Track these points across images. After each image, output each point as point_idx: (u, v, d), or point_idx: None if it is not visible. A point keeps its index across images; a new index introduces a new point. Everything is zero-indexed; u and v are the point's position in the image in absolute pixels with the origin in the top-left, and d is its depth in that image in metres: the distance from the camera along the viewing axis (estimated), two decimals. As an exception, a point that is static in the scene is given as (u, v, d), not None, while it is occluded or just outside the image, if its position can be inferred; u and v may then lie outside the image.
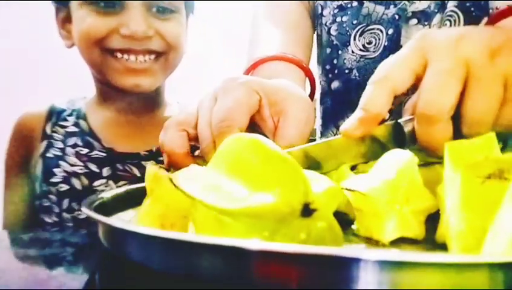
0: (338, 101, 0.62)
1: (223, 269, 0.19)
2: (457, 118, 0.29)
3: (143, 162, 0.67)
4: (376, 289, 0.16)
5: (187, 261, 0.20)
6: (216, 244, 0.19)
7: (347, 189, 0.23)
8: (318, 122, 0.66)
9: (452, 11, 0.52)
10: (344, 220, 0.23)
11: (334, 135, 0.63)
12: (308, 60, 0.60)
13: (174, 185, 0.24)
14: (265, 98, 0.39)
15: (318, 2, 0.63)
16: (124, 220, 0.28)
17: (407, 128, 0.31)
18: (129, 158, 0.66)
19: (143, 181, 0.30)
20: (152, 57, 0.64)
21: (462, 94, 0.30)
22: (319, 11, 0.63)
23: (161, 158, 0.40)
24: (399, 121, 0.33)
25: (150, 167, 0.28)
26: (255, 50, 0.55)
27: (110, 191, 0.33)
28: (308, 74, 0.52)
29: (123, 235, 0.23)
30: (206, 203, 0.21)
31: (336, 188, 0.23)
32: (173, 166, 0.38)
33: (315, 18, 0.64)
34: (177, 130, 0.39)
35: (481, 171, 0.21)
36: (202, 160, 0.36)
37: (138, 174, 0.66)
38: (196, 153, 0.39)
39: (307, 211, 0.20)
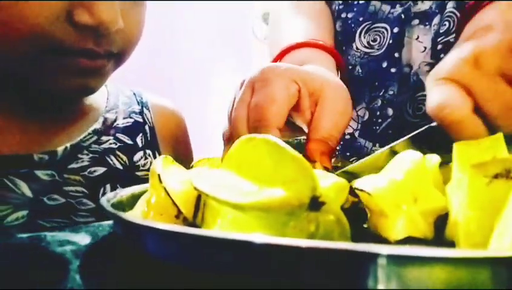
0: None
1: (234, 264, 0.19)
2: None
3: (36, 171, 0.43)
4: (384, 289, 0.16)
5: (200, 255, 0.20)
6: (227, 238, 0.19)
7: (355, 188, 0.24)
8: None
9: (451, 11, 0.53)
10: (353, 217, 0.24)
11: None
12: None
13: (160, 181, 0.25)
14: (304, 87, 0.37)
15: None
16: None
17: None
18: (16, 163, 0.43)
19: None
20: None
21: None
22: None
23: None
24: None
25: (158, 158, 0.28)
26: (281, 39, 0.53)
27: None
28: (339, 60, 0.51)
29: (138, 230, 0.23)
30: (218, 198, 0.21)
31: (343, 183, 0.23)
32: None
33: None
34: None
35: (488, 171, 0.21)
36: None
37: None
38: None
39: (315, 204, 0.21)
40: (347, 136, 0.62)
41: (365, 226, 0.25)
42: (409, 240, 0.23)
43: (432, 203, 0.23)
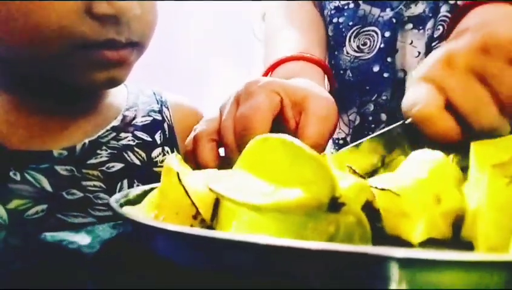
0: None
1: (247, 266, 0.19)
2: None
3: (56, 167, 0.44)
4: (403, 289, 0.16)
5: (213, 257, 0.20)
6: (239, 241, 0.18)
7: (376, 188, 0.23)
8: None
9: (444, 16, 0.53)
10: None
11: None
12: (324, 60, 0.61)
13: (179, 180, 0.25)
14: (287, 98, 0.39)
15: (322, 2, 0.63)
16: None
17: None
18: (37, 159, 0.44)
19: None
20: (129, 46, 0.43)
21: None
22: (322, 12, 0.63)
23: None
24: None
25: (170, 155, 0.27)
26: (273, 51, 0.55)
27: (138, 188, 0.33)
28: (328, 72, 0.52)
29: (150, 231, 0.22)
30: (234, 200, 0.21)
31: (363, 184, 0.23)
32: None
33: None
34: (207, 142, 0.40)
35: (508, 171, 0.21)
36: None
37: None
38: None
39: (335, 205, 0.20)
40: (340, 141, 0.62)
41: (378, 225, 0.25)
42: (427, 241, 0.23)
43: (453, 204, 0.23)
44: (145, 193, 0.31)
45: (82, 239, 0.29)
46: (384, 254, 0.16)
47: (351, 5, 0.59)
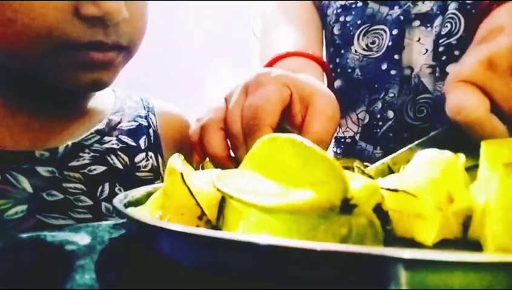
0: (340, 100, 0.63)
1: (254, 267, 0.19)
2: None
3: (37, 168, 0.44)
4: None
5: (217, 258, 0.20)
6: (245, 241, 0.18)
7: (390, 189, 0.23)
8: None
9: (453, 13, 0.53)
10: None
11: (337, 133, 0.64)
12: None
13: (183, 180, 0.24)
14: (296, 92, 0.39)
15: (323, 1, 0.63)
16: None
17: None
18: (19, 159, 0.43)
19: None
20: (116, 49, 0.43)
21: None
22: (324, 11, 0.63)
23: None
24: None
25: (174, 156, 0.27)
26: (270, 48, 0.55)
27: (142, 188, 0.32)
28: (327, 69, 0.52)
29: (154, 231, 0.22)
30: (244, 201, 0.20)
31: (375, 185, 0.22)
32: (215, 166, 0.38)
33: (322, 17, 0.65)
34: (216, 131, 0.39)
35: (520, 170, 0.21)
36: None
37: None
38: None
39: (347, 207, 0.20)
40: (348, 140, 0.62)
41: (387, 227, 0.25)
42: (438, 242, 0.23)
43: (464, 203, 0.23)
44: (148, 194, 0.30)
45: (82, 239, 0.29)
46: (391, 255, 0.16)
47: (359, 4, 0.59)
